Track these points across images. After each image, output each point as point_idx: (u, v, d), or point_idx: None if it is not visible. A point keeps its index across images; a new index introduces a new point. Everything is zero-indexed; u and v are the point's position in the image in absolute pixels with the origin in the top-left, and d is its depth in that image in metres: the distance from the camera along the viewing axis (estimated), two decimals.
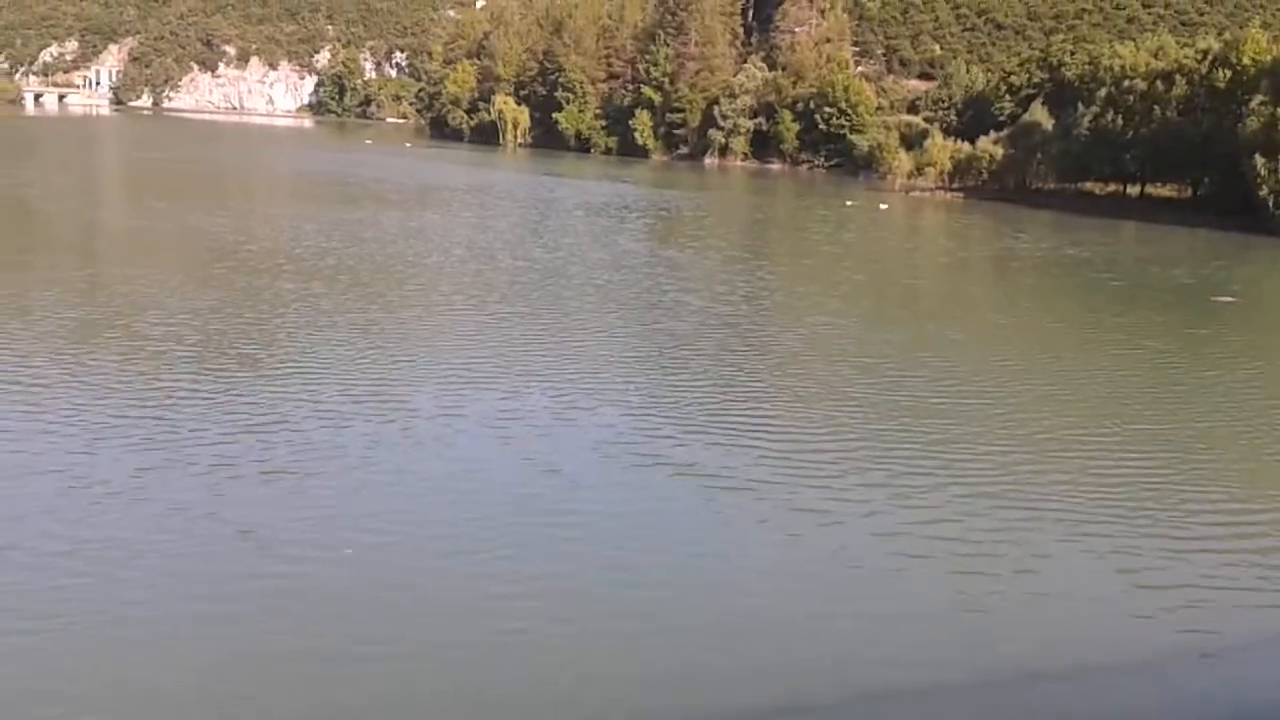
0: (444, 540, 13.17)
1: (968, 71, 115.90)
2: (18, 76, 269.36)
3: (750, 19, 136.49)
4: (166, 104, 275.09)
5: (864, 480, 15.98)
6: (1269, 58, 67.95)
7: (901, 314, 31.78)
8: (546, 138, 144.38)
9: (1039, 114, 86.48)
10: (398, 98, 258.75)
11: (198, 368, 20.23)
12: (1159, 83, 74.98)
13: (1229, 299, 37.89)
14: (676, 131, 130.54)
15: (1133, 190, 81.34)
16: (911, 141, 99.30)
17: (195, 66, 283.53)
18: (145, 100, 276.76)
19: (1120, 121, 76.48)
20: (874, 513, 14.74)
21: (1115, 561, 13.62)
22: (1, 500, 13.47)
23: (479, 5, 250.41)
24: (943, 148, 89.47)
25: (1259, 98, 64.82)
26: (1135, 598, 12.73)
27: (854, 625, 11.77)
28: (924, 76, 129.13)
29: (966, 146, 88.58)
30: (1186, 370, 25.84)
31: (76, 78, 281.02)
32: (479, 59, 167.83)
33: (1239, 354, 28.68)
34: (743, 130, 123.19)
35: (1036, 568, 13.26)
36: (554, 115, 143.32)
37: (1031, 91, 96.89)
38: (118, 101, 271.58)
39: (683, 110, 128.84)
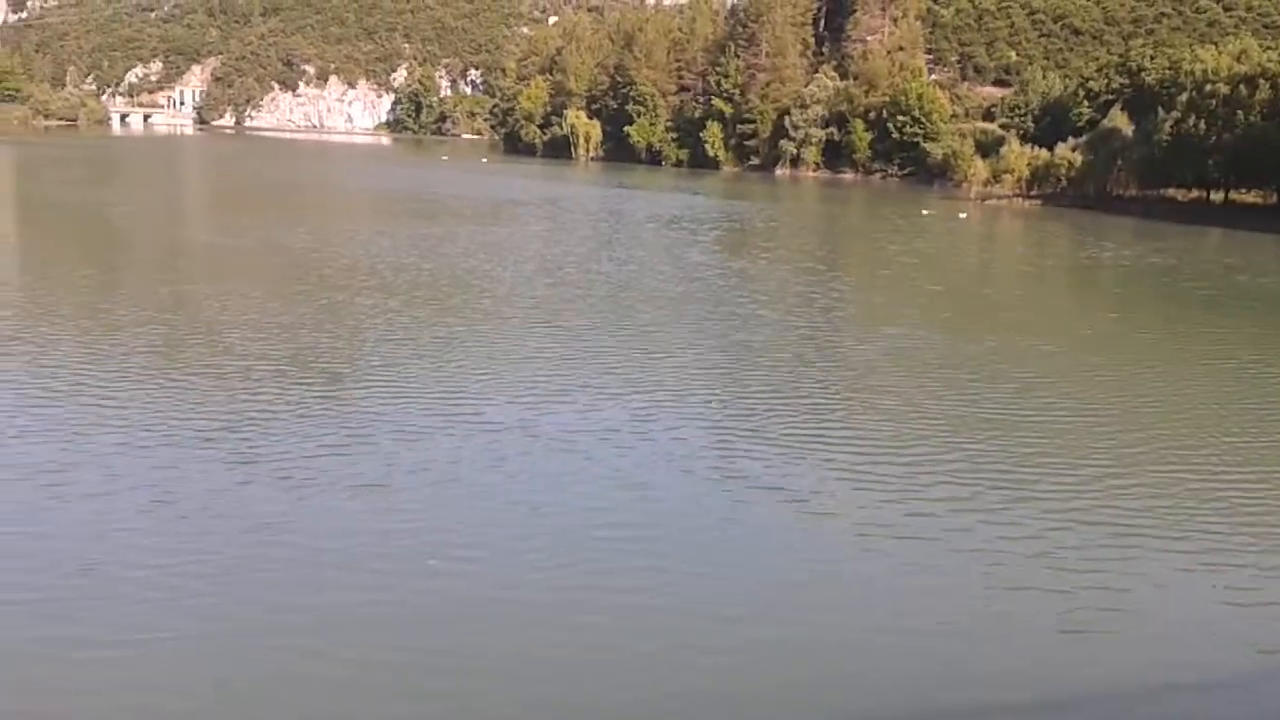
0: (523, 554, 13.25)
1: (1044, 77, 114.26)
2: (105, 97, 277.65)
3: (822, 28, 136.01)
4: (248, 123, 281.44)
5: (950, 496, 15.67)
6: None
7: (982, 325, 31.19)
8: (618, 151, 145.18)
9: (1118, 120, 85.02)
10: (472, 114, 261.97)
11: (280, 383, 20.62)
12: (1242, 87, 73.24)
13: None
14: (747, 143, 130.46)
15: (1216, 197, 79.55)
16: (987, 149, 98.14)
17: (276, 86, 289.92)
18: (228, 119, 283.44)
19: (1202, 126, 74.81)
20: (962, 530, 14.43)
21: (1211, 580, 13.32)
22: (87, 517, 13.77)
23: (551, 21, 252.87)
24: (1020, 155, 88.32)
25: None
26: (1232, 618, 12.42)
27: (945, 645, 11.56)
28: (999, 83, 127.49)
29: (1044, 153, 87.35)
30: (1255, 372, 25.37)
31: (161, 98, 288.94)
32: (551, 74, 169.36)
33: None
34: (814, 140, 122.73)
35: (1132, 586, 12.94)
36: (625, 128, 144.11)
37: (1110, 97, 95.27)
38: (201, 121, 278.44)
39: (754, 121, 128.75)
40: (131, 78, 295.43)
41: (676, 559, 13.30)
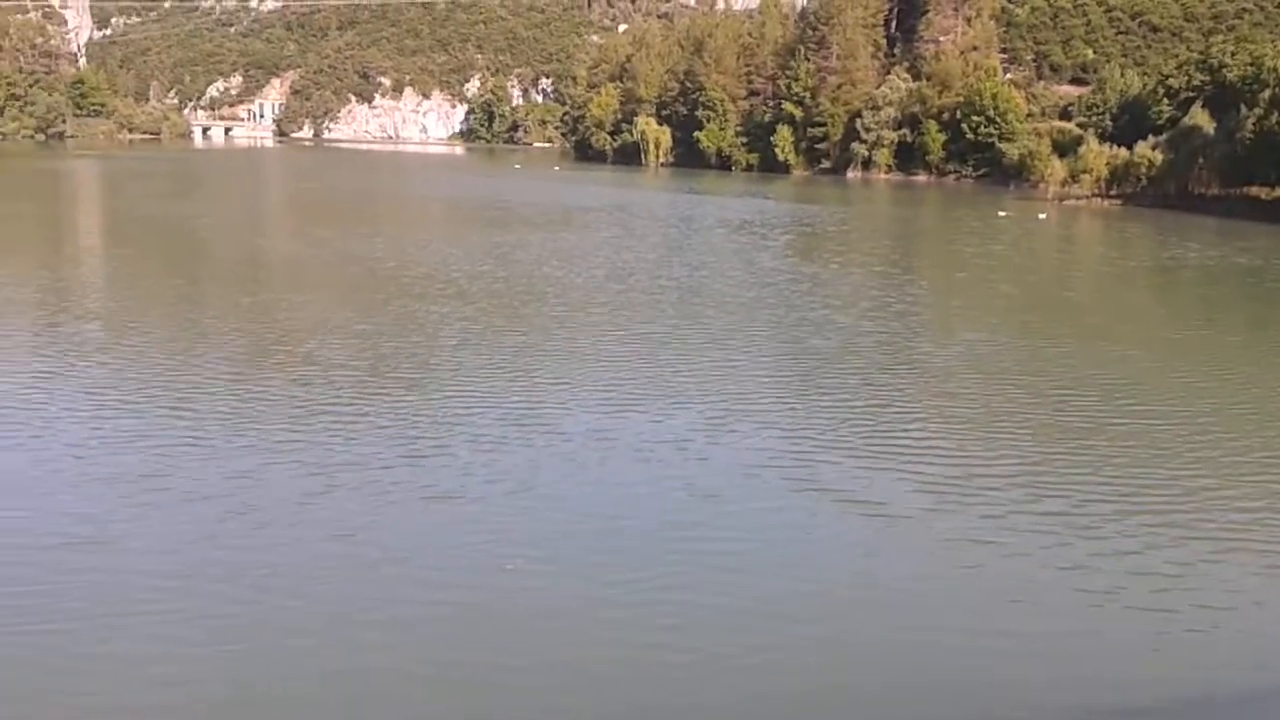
0: (598, 564, 13.31)
1: (1122, 75, 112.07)
2: (186, 111, 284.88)
3: (893, 29, 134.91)
4: (326, 135, 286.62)
5: (1038, 509, 15.23)
6: None
7: (1065, 329, 30.37)
8: (687, 156, 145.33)
9: (1199, 117, 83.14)
10: (543, 122, 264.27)
11: (357, 391, 20.93)
12: None
13: None
14: (818, 146, 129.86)
15: None
16: (1064, 149, 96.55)
17: (353, 98, 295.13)
18: (306, 131, 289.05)
19: None
20: (1052, 545, 14.01)
21: None
22: (163, 525, 14.07)
23: (621, 29, 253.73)
24: (1098, 154, 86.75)
25: None
26: None
27: (1036, 660, 11.38)
28: (1076, 81, 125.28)
29: (1123, 152, 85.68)
30: None
31: (241, 111, 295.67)
32: (621, 81, 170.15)
33: None
34: (886, 142, 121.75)
35: (1234, 604, 12.55)
36: (695, 134, 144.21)
37: (1190, 94, 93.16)
38: (280, 133, 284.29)
39: (824, 124, 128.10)
40: (212, 91, 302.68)
41: (754, 572, 13.16)
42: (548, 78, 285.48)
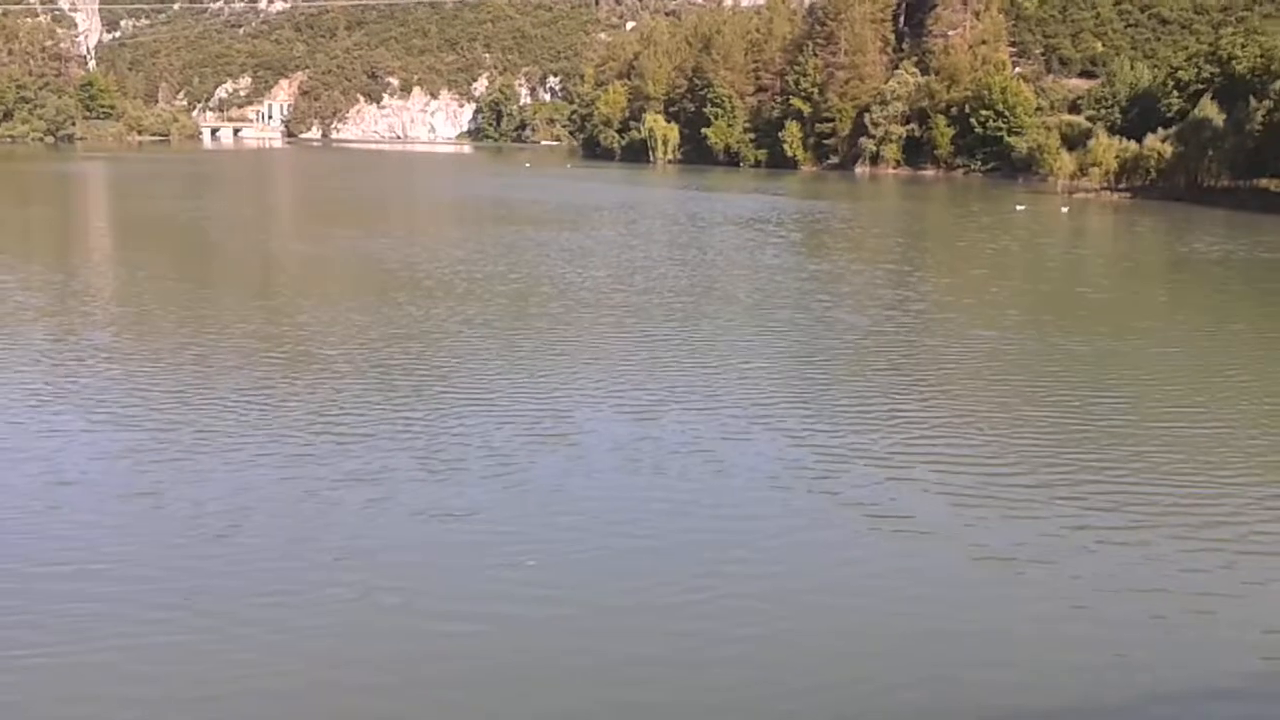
0: (609, 568, 13.43)
1: (1132, 68, 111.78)
2: (196, 113, 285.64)
3: (901, 24, 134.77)
4: (334, 135, 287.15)
5: (1055, 511, 15.12)
6: None
7: (1086, 327, 29.99)
8: (696, 153, 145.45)
9: (1209, 109, 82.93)
10: (551, 121, 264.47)
11: (370, 395, 21.13)
12: None
13: None
14: (826, 141, 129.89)
15: None
16: (1073, 142, 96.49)
17: (361, 98, 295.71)
18: (315, 132, 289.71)
19: None
20: (1077, 548, 13.92)
21: None
22: (166, 536, 14.12)
23: (629, 27, 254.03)
24: (1108, 147, 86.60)
25: None
26: None
27: (1065, 668, 11.45)
28: (1085, 75, 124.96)
29: (1133, 145, 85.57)
30: None
31: (250, 112, 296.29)
32: (629, 79, 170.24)
33: None
34: (894, 137, 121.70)
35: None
36: (703, 131, 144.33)
37: (1200, 87, 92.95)
38: (289, 134, 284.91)
39: (832, 120, 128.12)
40: (221, 93, 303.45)
41: (768, 576, 13.23)
42: (555, 76, 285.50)
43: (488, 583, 12.73)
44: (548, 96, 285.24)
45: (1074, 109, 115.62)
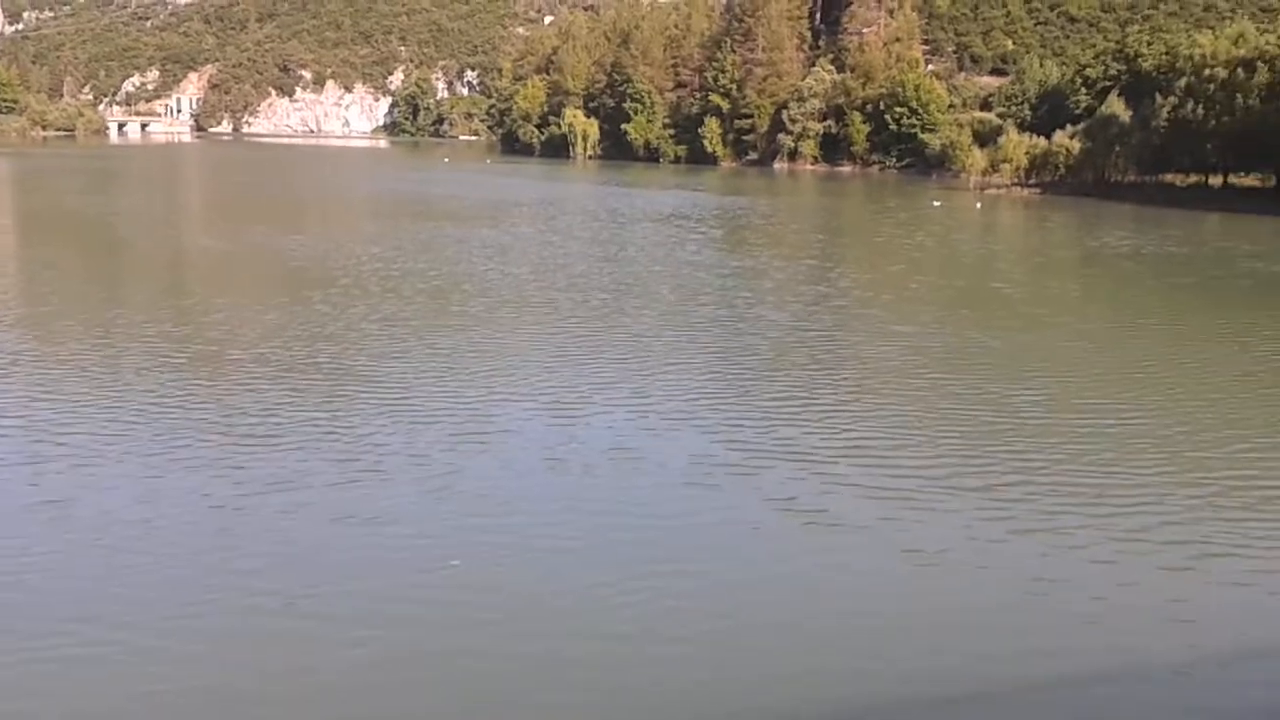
0: (533, 567, 13.28)
1: (1041, 66, 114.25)
2: (102, 107, 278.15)
3: (818, 22, 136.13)
4: (246, 129, 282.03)
5: (980, 506, 15.30)
6: None
7: (1001, 321, 30.66)
8: (616, 149, 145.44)
9: (1116, 106, 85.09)
10: (469, 115, 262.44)
11: (282, 395, 20.68)
12: (1240, 70, 73.28)
13: None
14: (745, 137, 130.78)
15: (1215, 181, 79.58)
16: (985, 139, 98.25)
17: (273, 92, 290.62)
18: (225, 126, 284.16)
19: (1200, 111, 74.90)
20: (997, 541, 14.12)
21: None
22: (63, 542, 13.76)
23: (547, 21, 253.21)
24: (1018, 144, 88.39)
25: None
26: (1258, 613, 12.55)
27: (966, 663, 11.64)
28: (996, 72, 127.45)
29: (1042, 142, 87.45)
30: (1266, 358, 25.45)
31: (158, 106, 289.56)
32: (548, 74, 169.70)
33: None
34: (812, 134, 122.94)
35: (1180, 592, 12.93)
36: (623, 126, 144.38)
37: (1107, 84, 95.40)
38: (198, 128, 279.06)
39: (751, 116, 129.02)
40: (128, 87, 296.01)
41: (695, 575, 13.20)
42: (473, 70, 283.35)
43: (410, 588, 12.47)
44: (465, 91, 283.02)
45: (985, 106, 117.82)
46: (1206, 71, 75.99)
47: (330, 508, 14.64)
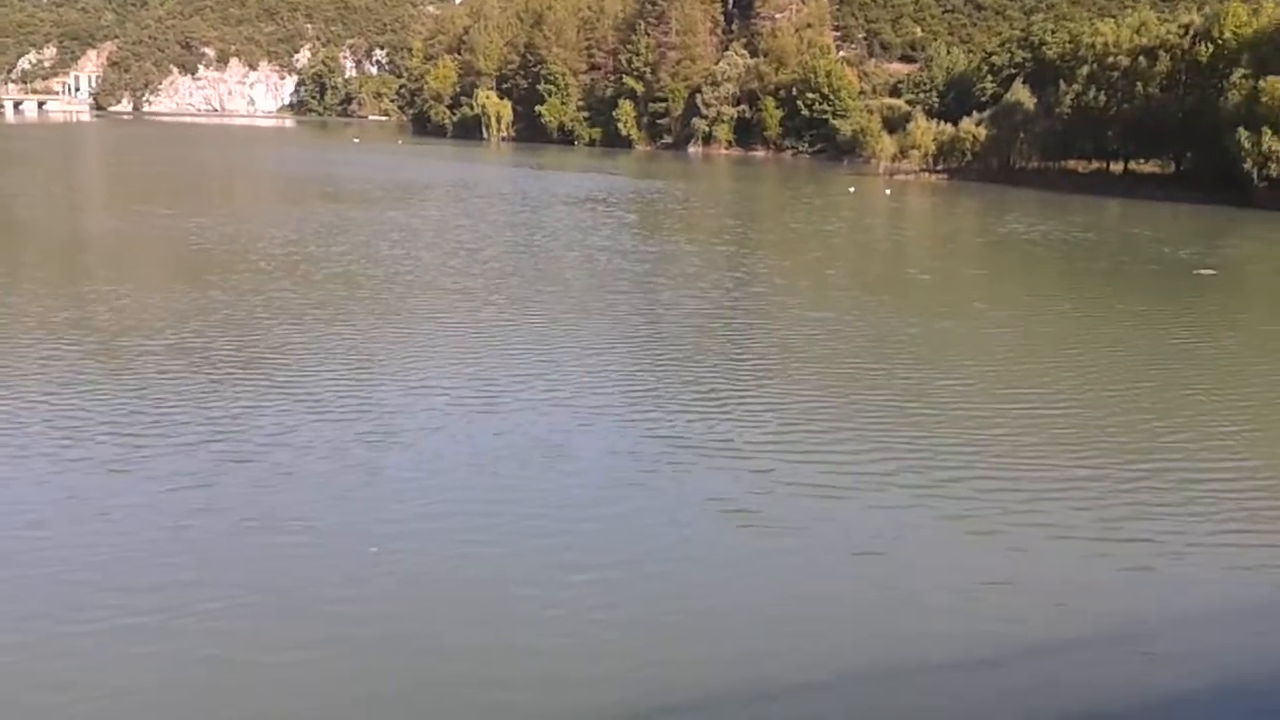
0: (451, 565, 13.12)
1: (949, 53, 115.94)
2: None
3: (731, 6, 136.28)
4: (147, 108, 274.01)
5: (899, 494, 15.43)
6: (1250, 30, 68.10)
7: (918, 307, 30.88)
8: (530, 131, 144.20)
9: (1021, 94, 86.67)
10: (379, 95, 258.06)
11: (181, 385, 20.12)
12: (1141, 59, 75.13)
13: (1210, 271, 38.99)
14: (660, 121, 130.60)
15: (1116, 167, 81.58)
16: (894, 125, 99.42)
17: (175, 70, 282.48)
18: (125, 105, 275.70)
19: (1103, 99, 76.70)
20: (914, 529, 14.32)
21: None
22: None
23: (458, 0, 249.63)
24: (926, 130, 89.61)
25: (1240, 71, 64.98)
26: (1121, 579, 12.80)
27: (887, 625, 11.74)
28: (905, 59, 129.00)
29: (949, 128, 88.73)
30: (1176, 341, 26.16)
31: (56, 84, 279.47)
32: (459, 54, 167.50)
33: (1220, 324, 29.63)
34: (726, 118, 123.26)
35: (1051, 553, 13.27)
36: (537, 108, 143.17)
37: (1013, 71, 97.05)
38: (98, 107, 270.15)
39: (665, 100, 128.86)
40: (24, 64, 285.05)
41: (616, 565, 13.19)
42: (382, 49, 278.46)
43: (326, 587, 12.19)
44: (374, 70, 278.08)
45: (895, 93, 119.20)
46: (1109, 60, 77.80)
47: (234, 507, 14.25)
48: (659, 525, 14.14)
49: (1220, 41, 69.93)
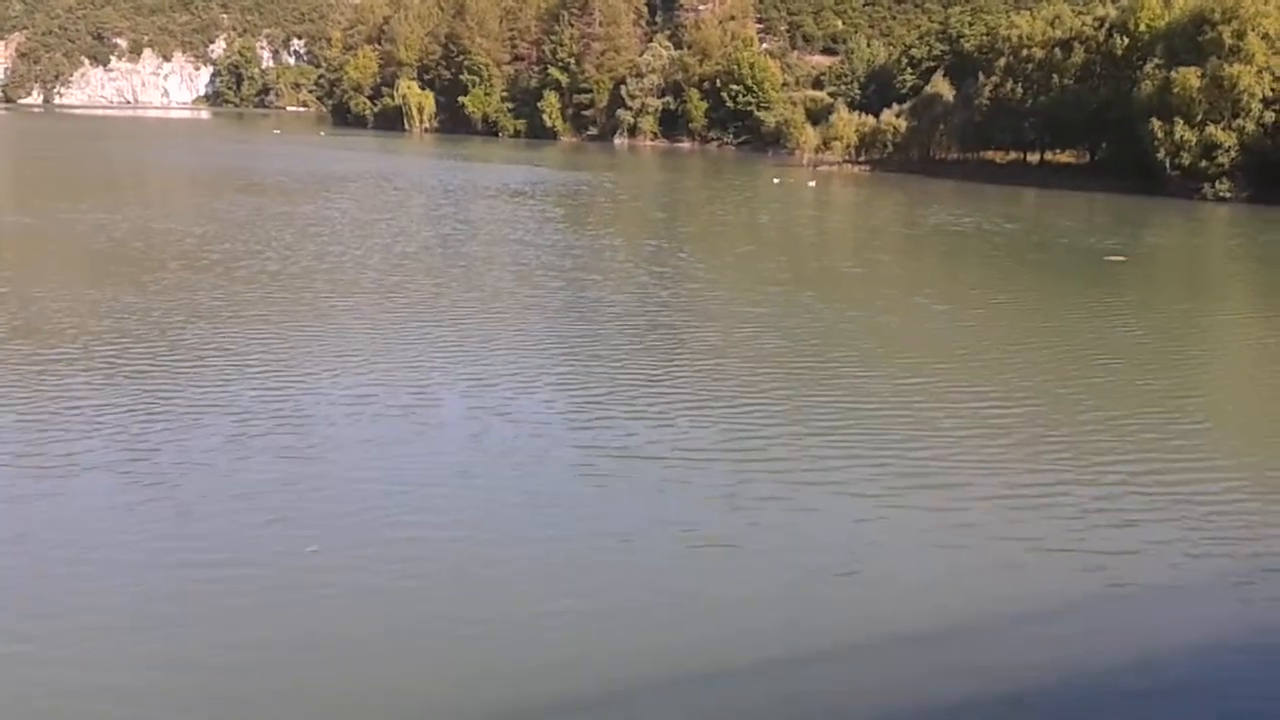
0: (389, 560, 12.97)
1: (869, 45, 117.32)
2: None
3: None
4: (58, 100, 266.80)
5: (839, 486, 15.54)
6: (1163, 22, 69.74)
7: (852, 300, 31.00)
8: (453, 122, 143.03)
9: (940, 86, 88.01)
10: (297, 85, 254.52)
11: (92, 384, 19.65)
12: (1057, 51, 76.65)
13: (1120, 258, 40.00)
14: (585, 112, 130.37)
15: (1032, 158, 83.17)
16: (817, 117, 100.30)
17: (86, 61, 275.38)
18: (35, 97, 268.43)
19: (1019, 90, 78.16)
20: (851, 521, 14.64)
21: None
22: None
23: None
24: (848, 122, 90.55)
25: (1154, 62, 66.44)
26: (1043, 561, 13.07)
27: (813, 614, 11.87)
28: (827, 52, 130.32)
29: (871, 120, 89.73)
30: (1086, 326, 26.71)
31: None
32: (380, 44, 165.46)
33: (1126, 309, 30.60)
34: (651, 110, 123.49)
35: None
36: (460, 99, 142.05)
37: (932, 64, 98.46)
38: (6, 99, 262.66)
39: (590, 91, 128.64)
40: None
41: (542, 557, 13.17)
42: (300, 39, 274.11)
43: (270, 591, 11.99)
44: (292, 60, 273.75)
45: (817, 85, 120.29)
46: (1024, 52, 79.22)
47: (159, 503, 13.93)
48: (593, 536, 13.89)
49: (1135, 34, 71.55)
